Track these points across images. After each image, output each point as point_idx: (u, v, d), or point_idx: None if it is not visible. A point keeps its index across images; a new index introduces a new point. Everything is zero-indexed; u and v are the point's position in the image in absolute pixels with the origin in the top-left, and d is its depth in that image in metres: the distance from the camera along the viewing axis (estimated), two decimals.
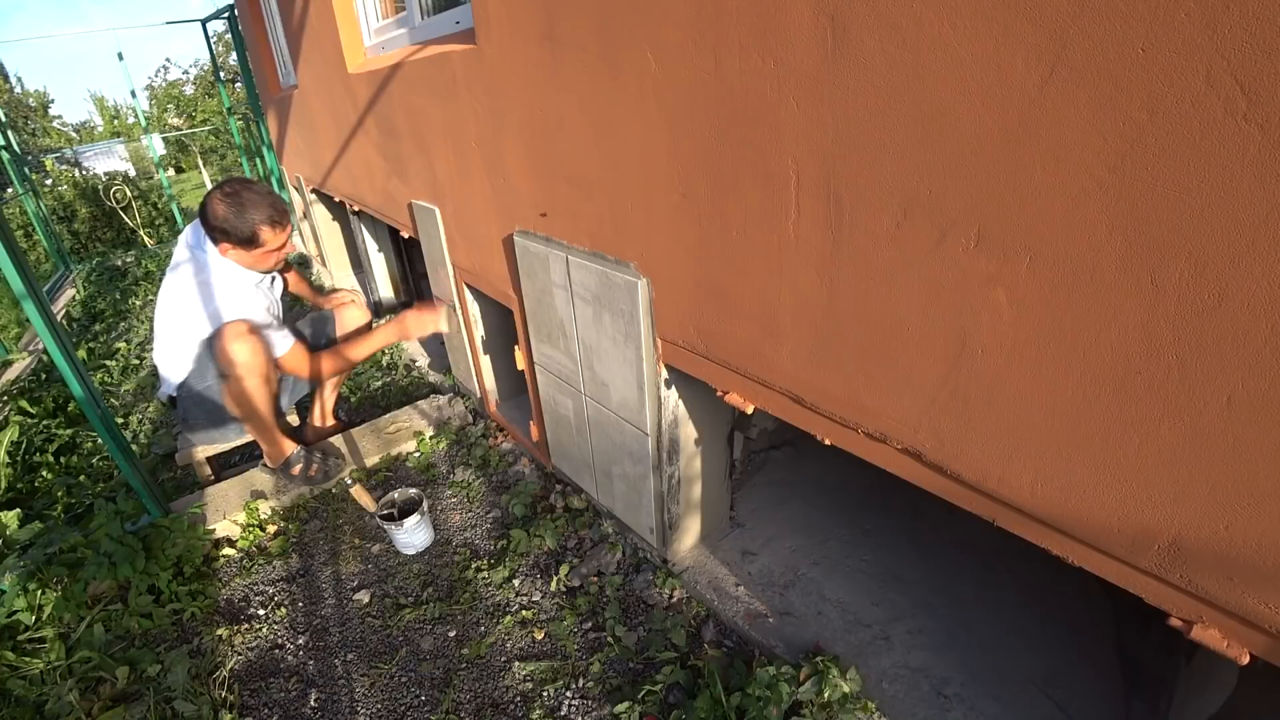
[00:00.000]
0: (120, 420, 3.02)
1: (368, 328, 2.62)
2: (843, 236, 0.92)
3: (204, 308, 2.02)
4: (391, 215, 2.79)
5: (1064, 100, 0.64)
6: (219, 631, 1.77)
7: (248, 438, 2.33)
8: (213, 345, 2.01)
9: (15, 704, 1.56)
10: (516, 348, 2.07)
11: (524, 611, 1.75)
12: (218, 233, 1.97)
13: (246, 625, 1.80)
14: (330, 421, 2.65)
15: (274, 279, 2.31)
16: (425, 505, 1.99)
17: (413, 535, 1.96)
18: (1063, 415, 0.76)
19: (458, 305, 2.40)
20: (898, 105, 0.78)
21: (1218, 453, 0.65)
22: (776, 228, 1.01)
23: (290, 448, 2.27)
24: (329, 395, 2.61)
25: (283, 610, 1.85)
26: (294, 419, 2.55)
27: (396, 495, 2.05)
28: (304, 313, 2.57)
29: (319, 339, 2.48)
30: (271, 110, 4.83)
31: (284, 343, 2.15)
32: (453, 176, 2.02)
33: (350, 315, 2.57)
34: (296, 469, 2.27)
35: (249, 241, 1.99)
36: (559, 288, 1.63)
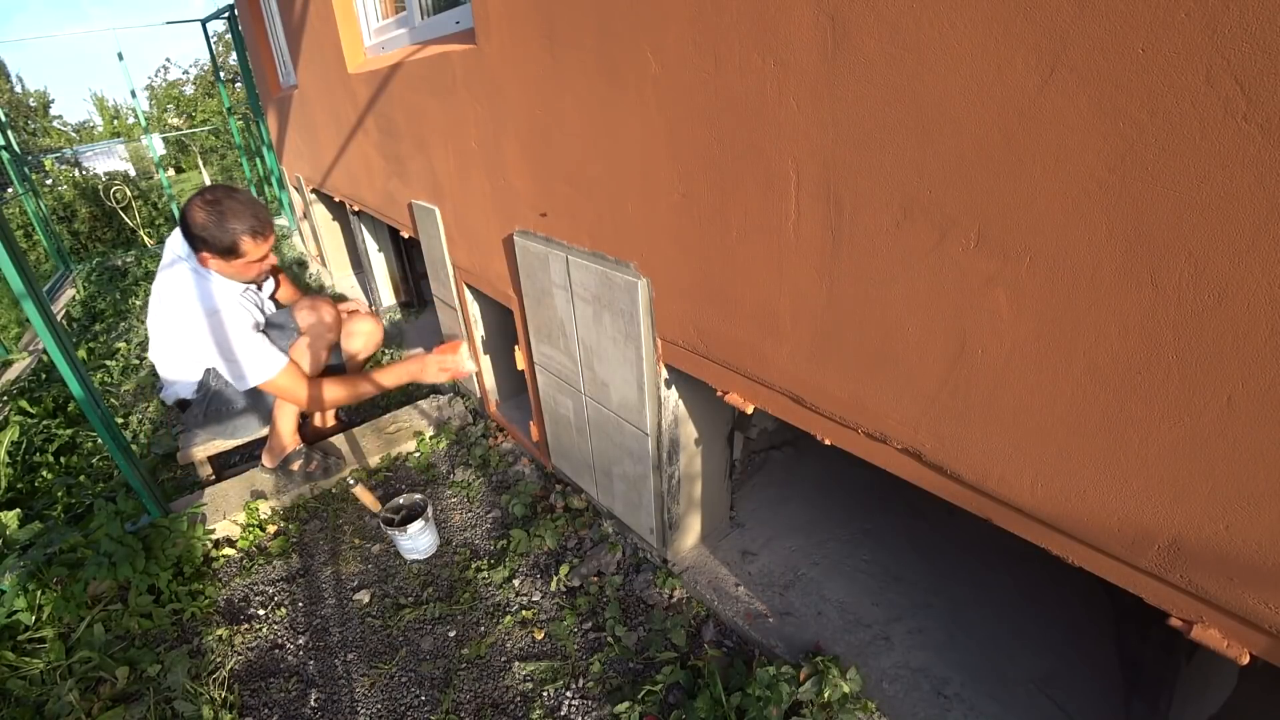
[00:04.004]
0: (120, 420, 3.02)
1: (379, 343, 2.53)
2: (843, 237, 0.92)
3: (202, 332, 1.97)
4: (391, 215, 2.79)
5: (1064, 100, 0.64)
6: (219, 631, 1.77)
7: (258, 433, 2.33)
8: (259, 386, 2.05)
9: (15, 704, 1.56)
10: (516, 348, 2.07)
11: (524, 611, 1.75)
12: (198, 241, 1.90)
13: (246, 625, 1.80)
14: (331, 422, 2.65)
15: (260, 287, 2.24)
16: (430, 511, 1.97)
17: (417, 541, 1.94)
18: (1063, 415, 0.76)
19: (458, 305, 2.40)
20: (898, 105, 0.78)
21: (1218, 453, 0.65)
22: (776, 228, 1.01)
23: (296, 443, 2.29)
24: None
25: (283, 610, 1.85)
26: None
27: (402, 500, 2.02)
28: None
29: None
30: (271, 110, 4.83)
31: (273, 362, 2.03)
32: (453, 176, 2.02)
33: (361, 325, 2.43)
34: (296, 465, 2.27)
35: (229, 252, 1.91)
36: (559, 288, 1.63)
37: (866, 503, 1.93)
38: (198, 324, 1.97)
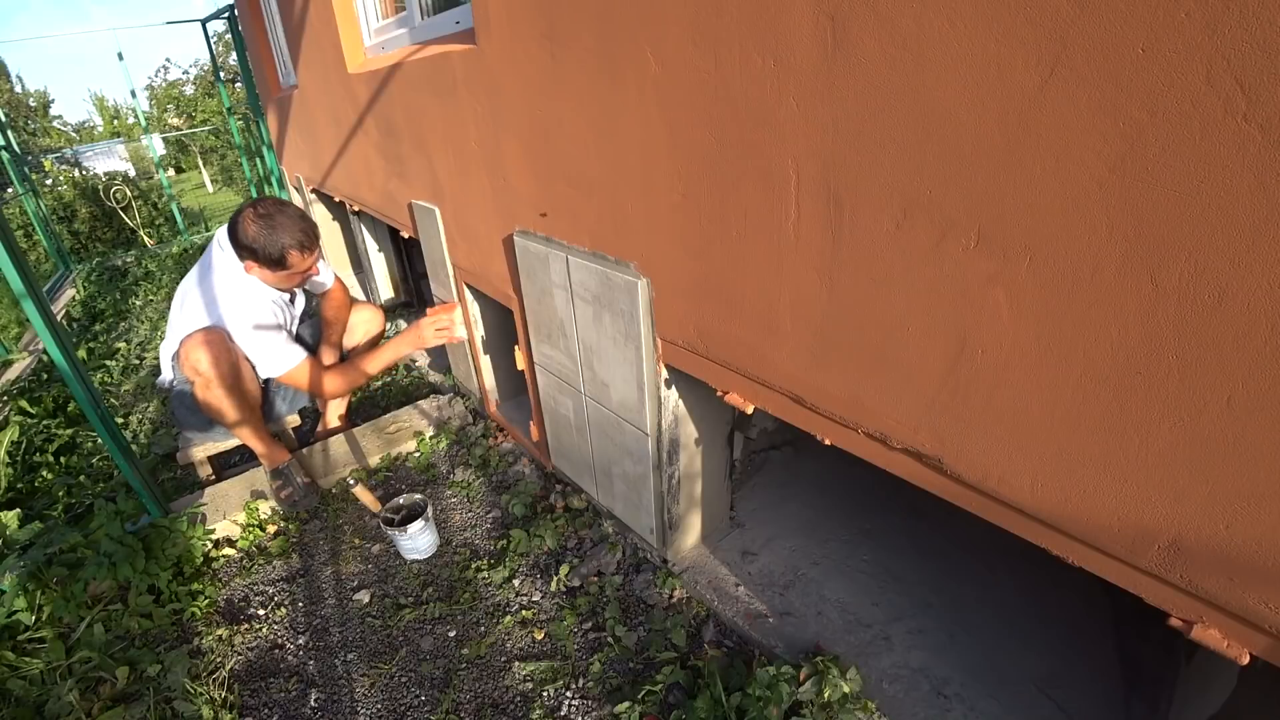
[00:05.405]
0: (120, 420, 3.02)
1: (380, 333, 2.63)
2: (843, 237, 0.92)
3: (205, 312, 2.02)
4: (391, 215, 2.79)
5: (1064, 100, 0.64)
6: (219, 631, 1.77)
7: (235, 440, 2.32)
8: (178, 352, 2.01)
9: (15, 704, 1.56)
10: (516, 348, 2.07)
11: (524, 611, 1.75)
12: (245, 250, 1.96)
13: (246, 625, 1.80)
14: (334, 422, 2.66)
15: (293, 295, 2.31)
16: (430, 511, 1.97)
17: (417, 541, 1.94)
18: (1063, 415, 0.76)
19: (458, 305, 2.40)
20: (897, 105, 0.78)
21: (1218, 453, 0.65)
22: (776, 228, 1.01)
23: (280, 456, 2.23)
24: (337, 402, 2.63)
25: (283, 610, 1.85)
26: (295, 420, 2.55)
27: (402, 500, 2.02)
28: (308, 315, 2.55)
29: (316, 340, 2.48)
30: (271, 110, 4.83)
31: (291, 356, 2.14)
32: (453, 176, 2.02)
33: (359, 315, 2.57)
34: (275, 484, 2.23)
35: (276, 263, 1.98)
36: (559, 288, 1.63)
37: (866, 503, 1.93)
38: (238, 326, 2.05)
